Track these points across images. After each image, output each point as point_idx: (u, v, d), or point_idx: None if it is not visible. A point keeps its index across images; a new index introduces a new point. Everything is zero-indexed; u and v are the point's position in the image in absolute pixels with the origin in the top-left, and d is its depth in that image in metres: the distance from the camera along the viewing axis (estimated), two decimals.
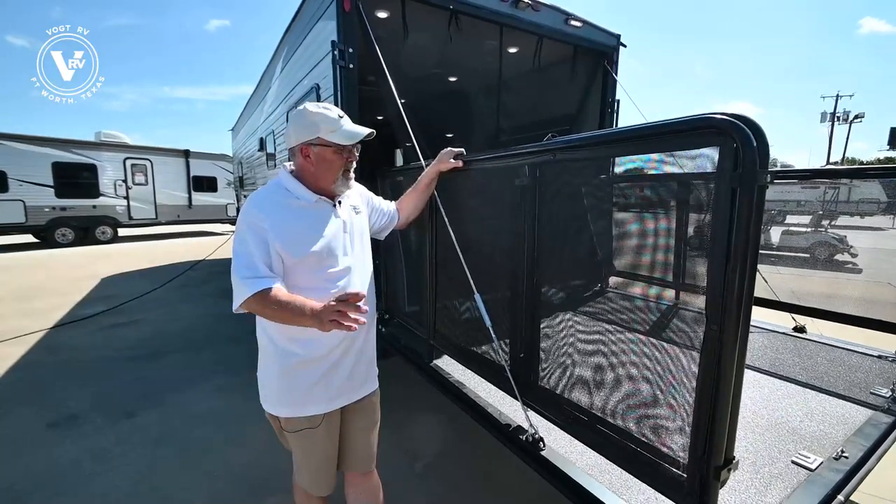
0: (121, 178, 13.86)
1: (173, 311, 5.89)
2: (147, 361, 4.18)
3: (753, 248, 0.98)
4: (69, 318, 5.56)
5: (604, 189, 1.65)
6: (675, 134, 1.13)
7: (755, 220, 0.97)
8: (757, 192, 0.95)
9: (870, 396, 2.01)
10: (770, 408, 1.93)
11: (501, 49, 3.69)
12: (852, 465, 1.50)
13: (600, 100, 4.18)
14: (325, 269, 1.40)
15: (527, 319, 1.68)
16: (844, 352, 2.55)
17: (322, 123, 1.37)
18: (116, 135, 14.37)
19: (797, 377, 2.22)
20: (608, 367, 1.37)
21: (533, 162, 1.61)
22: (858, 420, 1.82)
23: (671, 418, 1.15)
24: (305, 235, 1.36)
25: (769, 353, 2.55)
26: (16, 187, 11.82)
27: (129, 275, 8.56)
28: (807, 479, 1.44)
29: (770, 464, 1.53)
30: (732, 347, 1.00)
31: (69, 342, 4.71)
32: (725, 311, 0.99)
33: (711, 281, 1.01)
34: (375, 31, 2.75)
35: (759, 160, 0.94)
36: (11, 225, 11.90)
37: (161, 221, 14.96)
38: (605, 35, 3.93)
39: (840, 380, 2.19)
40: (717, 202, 1.00)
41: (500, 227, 1.84)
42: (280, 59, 4.76)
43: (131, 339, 4.80)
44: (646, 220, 1.40)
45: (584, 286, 1.93)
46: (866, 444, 1.64)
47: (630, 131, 1.26)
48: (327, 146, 1.38)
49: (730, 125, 0.96)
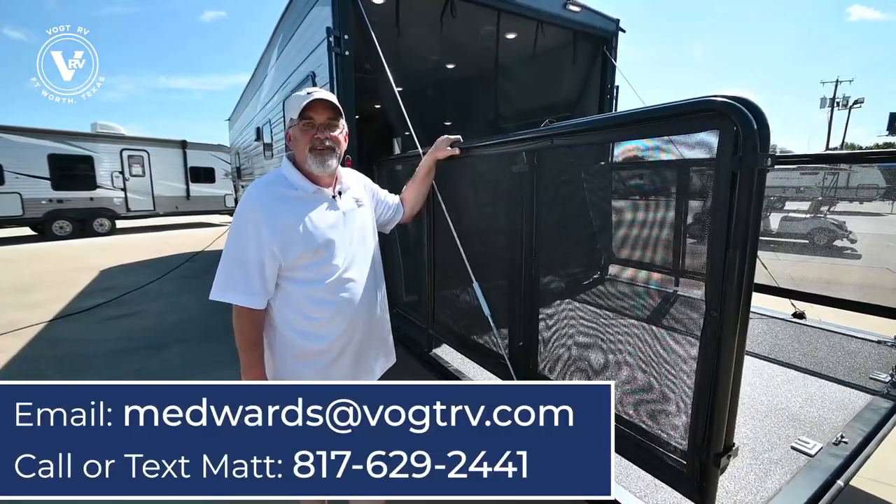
0: (118, 170, 13.75)
1: (172, 303, 5.89)
2: (147, 353, 4.19)
3: (754, 233, 0.96)
4: (68, 311, 5.56)
5: (603, 176, 1.63)
6: (674, 117, 1.10)
7: (756, 204, 0.95)
8: (757, 176, 0.93)
9: (869, 381, 2.01)
10: (770, 394, 1.93)
11: (499, 34, 3.63)
12: (852, 450, 1.51)
13: (599, 85, 4.13)
14: (321, 262, 1.37)
15: (525, 307, 1.67)
16: (844, 337, 2.55)
17: (293, 105, 1.36)
18: (113, 126, 14.24)
19: (797, 363, 2.22)
20: (607, 354, 1.36)
21: (530, 148, 1.58)
22: (858, 405, 1.83)
23: (671, 406, 1.15)
24: (300, 232, 1.33)
25: (769, 339, 2.55)
26: (12, 180, 11.72)
27: (127, 266, 8.54)
28: (807, 464, 1.45)
29: (770, 450, 1.54)
30: (732, 334, 0.99)
31: (68, 335, 4.71)
32: (725, 298, 0.97)
33: (711, 267, 1.00)
34: (371, 17, 2.70)
35: (759, 143, 0.92)
36: (8, 218, 11.84)
37: (159, 213, 14.89)
38: (604, 20, 3.86)
39: (839, 365, 2.19)
40: (717, 187, 0.98)
41: (499, 214, 1.82)
42: (276, 48, 4.69)
43: (130, 331, 4.80)
44: (645, 208, 1.38)
45: (584, 274, 1.92)
46: (866, 429, 1.64)
47: (629, 115, 1.23)
48: (294, 125, 1.38)
49: (730, 107, 0.94)
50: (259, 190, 1.35)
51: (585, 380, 1.41)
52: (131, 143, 14.16)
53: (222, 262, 1.32)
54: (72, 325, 5.05)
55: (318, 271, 1.37)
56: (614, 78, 4.12)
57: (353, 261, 1.45)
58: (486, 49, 3.84)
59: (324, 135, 1.36)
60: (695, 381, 1.07)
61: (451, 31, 3.25)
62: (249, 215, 1.30)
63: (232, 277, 1.30)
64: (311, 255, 1.34)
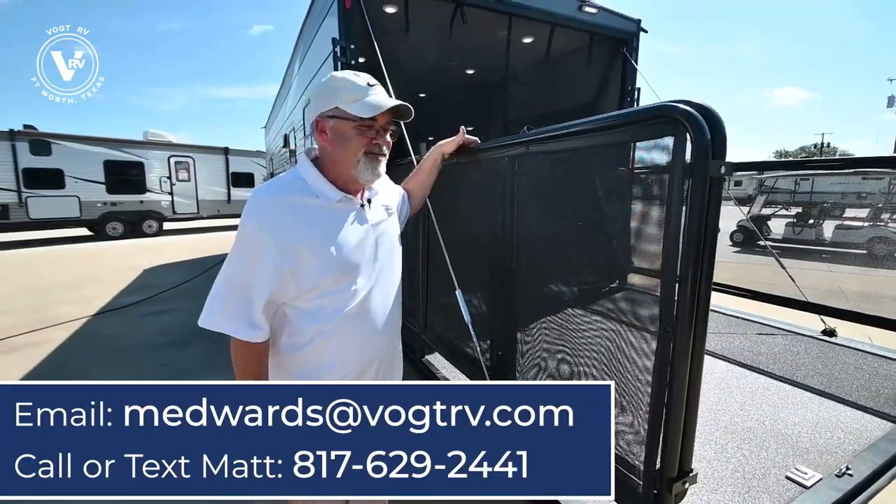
0: (165, 175, 14.64)
1: (203, 301, 6.18)
2: (175, 348, 4.41)
3: (710, 241, 0.90)
4: (110, 307, 5.94)
5: (579, 183, 1.57)
6: (635, 124, 1.08)
7: (712, 212, 0.90)
8: (711, 183, 0.88)
9: (893, 408, 1.83)
10: (775, 417, 1.79)
11: (510, 39, 3.59)
12: (856, 485, 1.37)
13: (620, 88, 4.00)
14: (339, 291, 1.10)
15: (506, 317, 1.64)
16: (876, 358, 2.33)
17: (343, 91, 1.07)
18: (162, 134, 15.22)
19: (813, 384, 2.05)
20: (574, 367, 1.31)
21: (511, 154, 1.56)
22: (875, 434, 1.66)
23: (631, 423, 1.09)
24: (321, 254, 1.06)
25: (788, 357, 2.37)
26: (71, 184, 12.74)
27: (169, 266, 9.05)
28: (798, 496, 1.33)
29: (762, 477, 1.42)
30: (685, 353, 0.93)
31: (106, 329, 5.03)
32: (679, 311, 0.92)
33: (664, 279, 0.95)
34: (382, 27, 2.74)
35: (712, 150, 0.87)
36: (67, 219, 12.85)
37: (202, 216, 15.71)
38: (623, 21, 3.74)
39: (863, 389, 2.00)
40: (670, 194, 0.93)
41: (483, 221, 1.80)
42: (298, 57, 4.86)
43: (164, 327, 5.07)
44: (610, 215, 1.31)
45: (565, 286, 1.86)
46: (878, 460, 1.49)
47: (593, 122, 1.20)
48: (345, 119, 1.08)
49: (684, 114, 0.90)
50: (271, 197, 1.07)
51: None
52: (178, 150, 15.05)
53: (219, 281, 1.07)
54: (111, 320, 5.39)
55: (335, 300, 1.10)
56: (636, 79, 3.98)
57: (376, 283, 1.18)
58: (498, 54, 3.81)
59: (383, 140, 1.13)
60: (650, 400, 1.01)
61: (460, 37, 3.25)
62: (257, 229, 1.03)
63: (229, 302, 1.05)
64: (330, 282, 1.08)
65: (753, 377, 2.14)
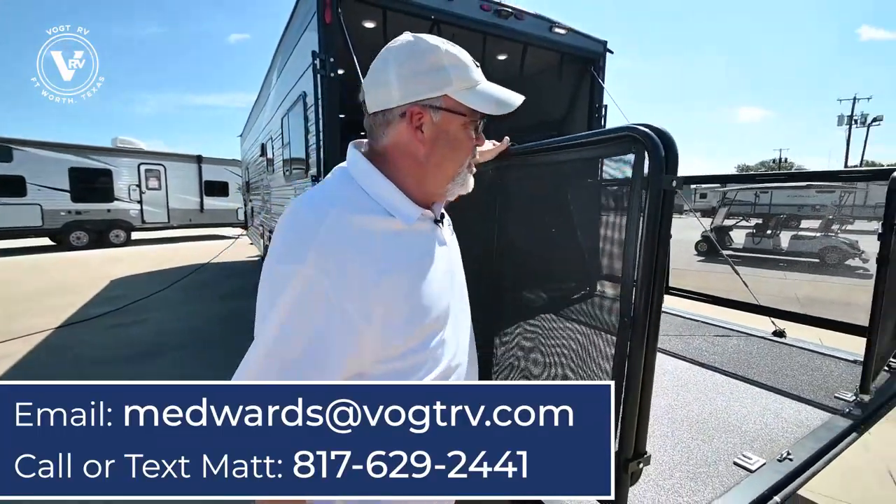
0: (135, 183, 14.24)
1: (175, 312, 6.05)
2: (149, 359, 4.33)
3: (663, 245, 1.03)
4: (76, 318, 5.75)
5: (559, 192, 1.71)
6: (604, 142, 1.22)
7: (664, 219, 1.03)
8: (663, 195, 1.01)
9: (833, 400, 2.01)
10: (728, 411, 1.94)
11: (484, 56, 3.76)
12: (795, 468, 1.52)
13: (588, 104, 4.22)
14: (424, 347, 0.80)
15: (485, 317, 1.74)
16: (819, 356, 2.54)
17: (454, 71, 0.76)
18: (132, 141, 14.82)
19: (763, 380, 2.23)
20: (546, 357, 1.42)
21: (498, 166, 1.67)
22: (814, 423, 1.83)
23: None
24: (408, 297, 0.76)
25: (741, 356, 2.55)
26: (34, 192, 12.24)
27: (138, 277, 8.80)
28: (745, 479, 1.46)
29: (712, 464, 1.56)
30: (640, 343, 1.05)
31: (73, 341, 4.88)
32: (635, 304, 1.04)
33: (625, 275, 1.08)
34: (361, 41, 2.84)
35: (665, 166, 1.00)
36: (28, 228, 12.32)
37: (173, 225, 15.31)
38: (590, 41, 3.97)
39: (807, 384, 2.19)
40: (630, 203, 1.06)
41: (472, 231, 1.90)
42: (276, 68, 4.91)
43: (133, 339, 4.96)
44: (582, 223, 1.45)
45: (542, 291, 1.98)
46: (815, 446, 1.65)
47: (565, 140, 1.33)
48: (457, 113, 0.78)
49: (642, 134, 1.03)
50: (333, 222, 0.70)
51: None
52: (149, 158, 14.67)
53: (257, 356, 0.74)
54: (78, 331, 5.23)
55: (421, 358, 0.80)
56: (602, 97, 4.20)
57: (458, 317, 0.89)
58: None
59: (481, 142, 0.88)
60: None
61: None
62: (320, 270, 0.68)
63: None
64: (417, 336, 0.78)
65: (709, 374, 2.30)
